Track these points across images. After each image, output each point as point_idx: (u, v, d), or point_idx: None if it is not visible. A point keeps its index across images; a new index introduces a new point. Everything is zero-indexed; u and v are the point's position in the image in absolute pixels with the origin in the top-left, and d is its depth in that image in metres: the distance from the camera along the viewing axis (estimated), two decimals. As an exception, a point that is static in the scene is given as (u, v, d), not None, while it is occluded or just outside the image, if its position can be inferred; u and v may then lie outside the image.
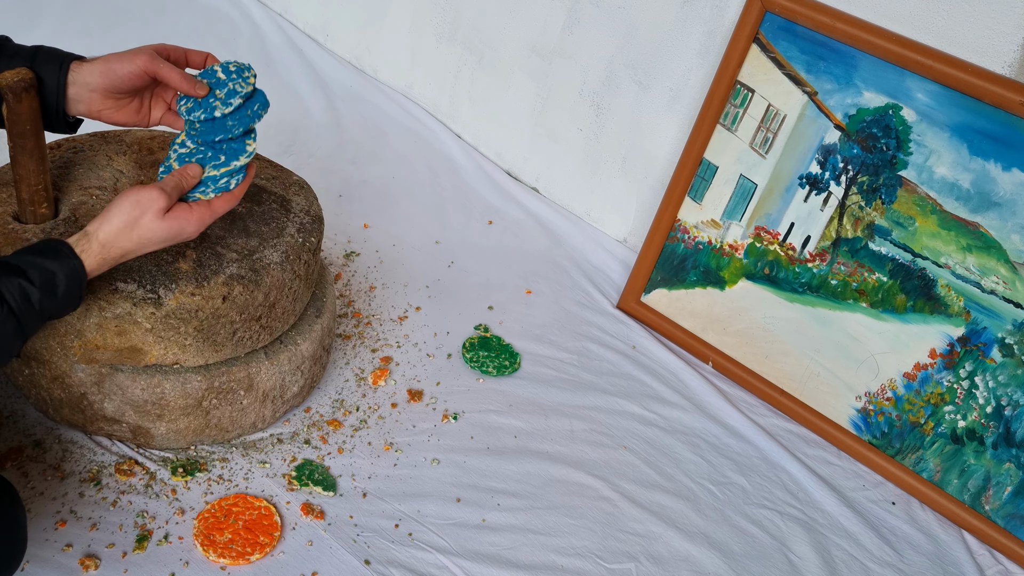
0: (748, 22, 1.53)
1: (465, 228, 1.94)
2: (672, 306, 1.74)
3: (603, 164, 1.94)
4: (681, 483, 1.45)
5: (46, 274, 0.97)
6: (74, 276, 0.99)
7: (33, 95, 1.05)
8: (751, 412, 1.62)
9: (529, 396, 1.54)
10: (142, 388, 1.20)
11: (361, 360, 1.53)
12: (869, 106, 1.46)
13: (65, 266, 0.98)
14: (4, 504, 1.01)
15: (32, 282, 0.95)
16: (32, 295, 0.95)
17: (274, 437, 1.35)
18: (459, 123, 2.19)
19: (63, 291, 0.98)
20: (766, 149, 1.58)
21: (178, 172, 1.09)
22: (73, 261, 0.99)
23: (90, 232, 1.02)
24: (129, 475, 1.24)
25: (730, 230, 1.65)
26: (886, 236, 1.48)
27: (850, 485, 1.53)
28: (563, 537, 1.31)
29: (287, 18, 2.48)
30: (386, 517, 1.28)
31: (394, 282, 1.73)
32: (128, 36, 2.29)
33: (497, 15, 2.01)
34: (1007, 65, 1.36)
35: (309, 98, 2.22)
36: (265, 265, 1.23)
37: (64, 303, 1.00)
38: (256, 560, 1.17)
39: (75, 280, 0.99)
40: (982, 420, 1.45)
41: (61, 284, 0.98)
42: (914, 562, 1.42)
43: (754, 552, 1.37)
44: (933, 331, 1.47)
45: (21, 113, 1.05)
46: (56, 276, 0.97)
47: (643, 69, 1.79)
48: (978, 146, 1.37)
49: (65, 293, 0.98)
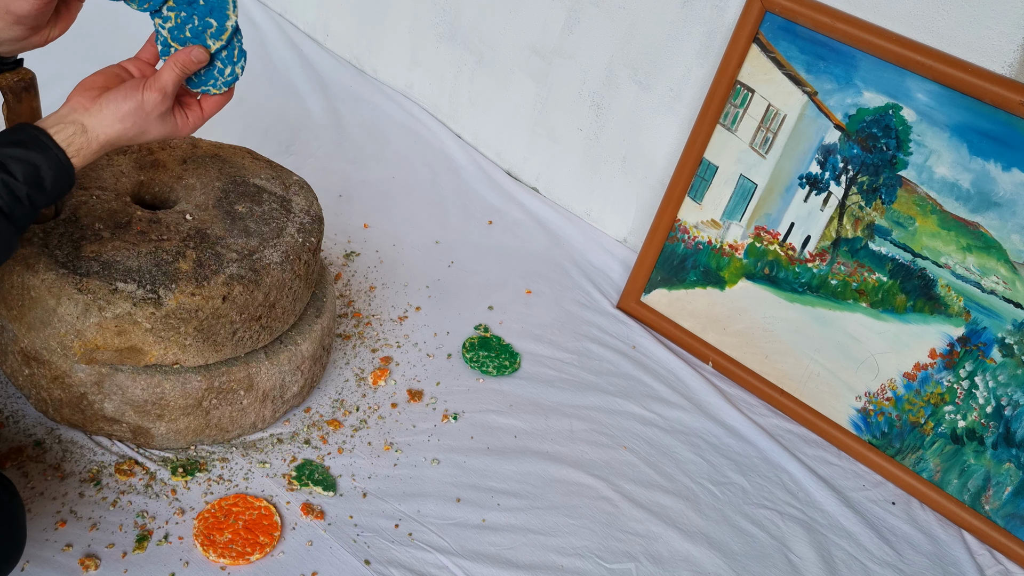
0: (748, 22, 1.53)
1: (465, 228, 1.94)
2: (672, 306, 1.74)
3: (603, 164, 1.94)
4: (681, 483, 1.45)
5: (30, 167, 0.92)
6: (61, 170, 0.95)
7: (33, 95, 1.05)
8: (751, 412, 1.62)
9: (529, 396, 1.54)
10: (142, 388, 1.20)
11: (361, 360, 1.53)
12: (869, 106, 1.46)
13: (50, 159, 0.94)
14: (2, 499, 1.00)
15: (15, 176, 0.91)
16: (18, 190, 0.91)
17: (274, 437, 1.35)
18: (459, 123, 2.19)
19: (51, 184, 0.94)
20: (766, 149, 1.58)
21: (182, 58, 1.04)
22: (58, 154, 0.95)
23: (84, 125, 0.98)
24: (129, 475, 1.24)
25: (730, 230, 1.65)
26: (886, 236, 1.48)
27: (850, 485, 1.53)
28: (563, 537, 1.31)
29: (287, 18, 2.47)
30: (386, 517, 1.28)
31: (394, 282, 1.73)
32: (127, 36, 2.29)
33: (497, 15, 2.01)
34: (1007, 65, 1.36)
35: (309, 98, 2.22)
36: (265, 265, 1.23)
37: (55, 193, 0.96)
38: (256, 560, 1.17)
39: (63, 173, 0.95)
40: (982, 420, 1.45)
41: (47, 177, 0.94)
42: (914, 562, 1.42)
43: (754, 552, 1.37)
44: (933, 331, 1.47)
45: (21, 113, 1.05)
46: (41, 169, 0.93)
47: (643, 69, 1.80)
48: (978, 146, 1.37)
49: (54, 185, 0.95)
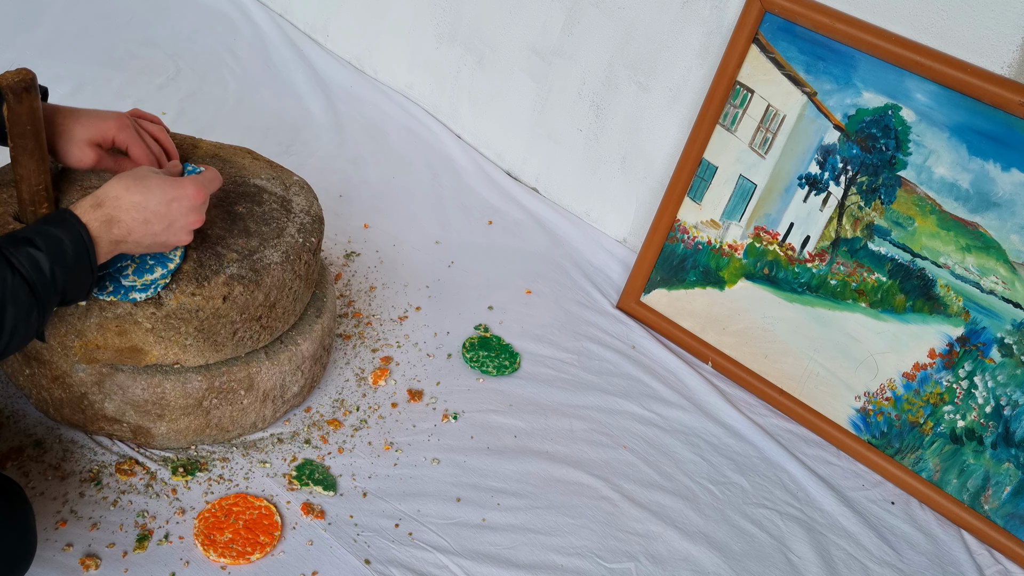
0: (747, 22, 1.54)
1: (465, 228, 1.94)
2: (672, 306, 1.74)
3: (603, 164, 1.94)
4: (681, 483, 1.45)
5: (52, 239, 0.95)
6: (79, 241, 0.98)
7: (33, 95, 1.05)
8: (751, 412, 1.62)
9: (529, 396, 1.54)
10: (143, 388, 1.20)
11: (361, 360, 1.54)
12: (868, 106, 1.46)
13: (70, 231, 0.97)
14: (15, 507, 1.01)
15: (39, 248, 0.94)
16: (42, 262, 0.94)
17: (274, 437, 1.35)
18: (459, 123, 2.19)
19: (72, 257, 0.97)
20: (765, 149, 1.58)
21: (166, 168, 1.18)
22: (77, 227, 0.98)
23: (96, 194, 1.03)
24: (130, 475, 1.24)
25: (729, 230, 1.65)
26: (885, 236, 1.49)
27: (849, 485, 1.53)
28: (563, 537, 1.31)
29: (287, 18, 2.48)
30: (386, 517, 1.28)
31: (394, 282, 1.73)
32: (128, 37, 2.29)
33: (497, 15, 2.01)
34: (1006, 65, 1.36)
35: (309, 98, 2.23)
36: (265, 265, 1.23)
37: (77, 273, 0.98)
38: (256, 560, 1.17)
39: (80, 245, 0.98)
40: (981, 420, 1.45)
41: (69, 250, 0.97)
42: (913, 561, 1.42)
43: (753, 552, 1.37)
44: (932, 331, 1.47)
45: (21, 113, 1.05)
46: (63, 243, 0.96)
47: (643, 69, 1.80)
48: (977, 146, 1.38)
49: (74, 260, 0.97)
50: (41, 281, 0.94)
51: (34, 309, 0.94)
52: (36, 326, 0.96)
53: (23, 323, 0.93)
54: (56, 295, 0.97)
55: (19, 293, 0.92)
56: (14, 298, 0.91)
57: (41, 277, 0.94)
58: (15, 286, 0.91)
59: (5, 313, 0.91)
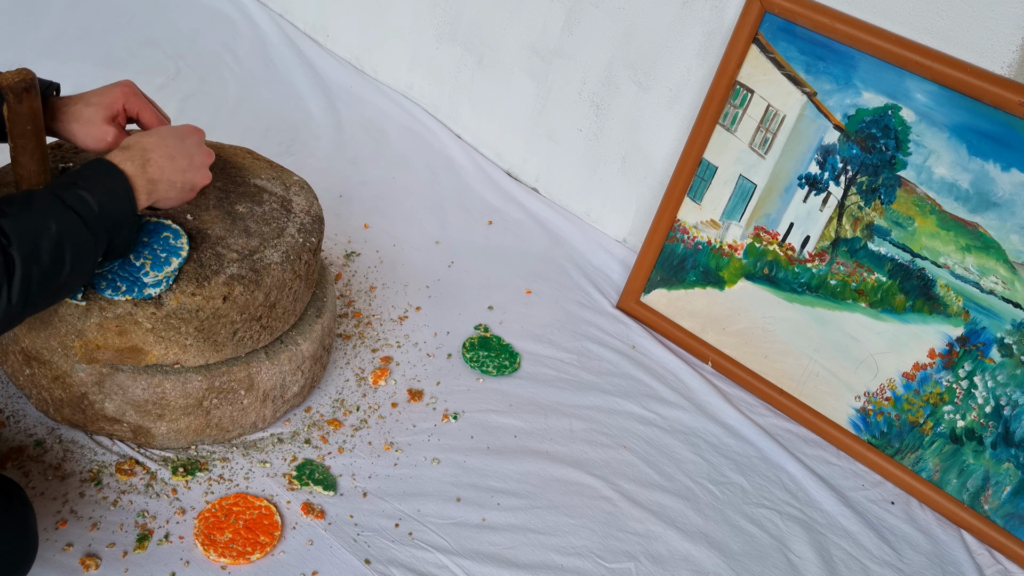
0: (747, 23, 1.54)
1: (465, 228, 1.94)
2: (672, 306, 1.74)
3: (603, 164, 1.94)
4: (681, 483, 1.45)
5: (95, 181, 1.01)
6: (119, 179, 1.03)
7: (33, 95, 1.05)
8: (750, 412, 1.62)
9: (529, 396, 1.54)
10: (143, 388, 1.20)
11: (361, 360, 1.54)
12: (868, 106, 1.46)
13: (110, 171, 1.03)
14: (16, 507, 1.01)
15: (86, 189, 0.99)
16: (90, 200, 0.99)
17: (274, 437, 1.35)
18: (459, 123, 2.19)
19: (116, 196, 1.02)
20: (765, 149, 1.58)
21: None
22: (114, 169, 1.04)
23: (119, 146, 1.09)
24: (130, 475, 1.24)
25: (729, 230, 1.65)
26: (885, 236, 1.49)
27: (849, 485, 1.53)
28: (563, 537, 1.31)
29: (287, 18, 2.48)
30: (386, 516, 1.28)
31: (394, 282, 1.73)
32: (128, 37, 2.29)
33: (497, 15, 2.01)
34: (1006, 65, 1.36)
35: (309, 98, 2.23)
36: (265, 265, 1.23)
37: (122, 213, 1.03)
38: (256, 560, 1.17)
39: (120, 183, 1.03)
40: (981, 420, 1.45)
41: (113, 189, 1.02)
42: (913, 561, 1.42)
43: (753, 551, 1.37)
44: (932, 331, 1.47)
45: (21, 113, 1.05)
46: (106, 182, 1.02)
47: (643, 69, 1.80)
48: (977, 146, 1.38)
49: (119, 198, 1.03)
50: (91, 217, 0.99)
51: (90, 244, 0.99)
52: (91, 264, 1.00)
53: (80, 261, 0.98)
54: (105, 235, 1.01)
55: (75, 228, 0.97)
56: (72, 232, 0.96)
57: (91, 213, 0.99)
58: (71, 223, 0.96)
59: (65, 248, 0.95)
